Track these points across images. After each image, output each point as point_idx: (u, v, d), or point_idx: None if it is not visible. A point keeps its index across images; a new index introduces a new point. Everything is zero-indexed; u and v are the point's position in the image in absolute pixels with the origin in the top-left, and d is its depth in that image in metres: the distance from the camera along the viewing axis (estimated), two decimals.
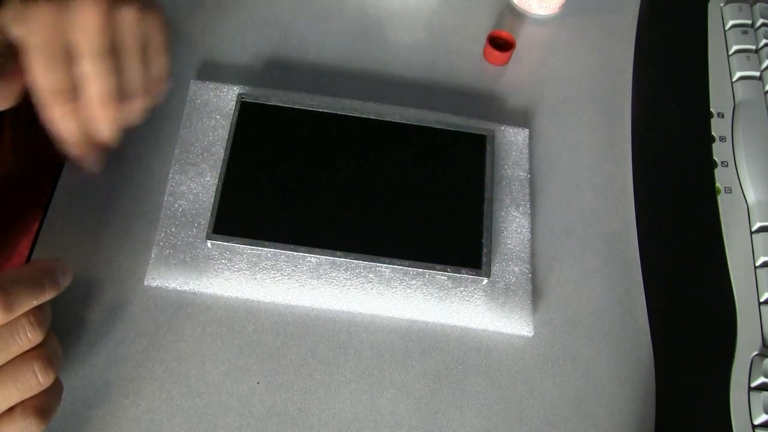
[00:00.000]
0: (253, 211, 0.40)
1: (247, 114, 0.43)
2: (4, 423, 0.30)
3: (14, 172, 0.51)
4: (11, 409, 0.31)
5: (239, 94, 0.43)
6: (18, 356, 0.31)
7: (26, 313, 0.31)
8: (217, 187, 0.40)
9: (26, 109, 0.51)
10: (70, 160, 0.35)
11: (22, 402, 0.31)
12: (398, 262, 0.39)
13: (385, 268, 0.40)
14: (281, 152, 0.42)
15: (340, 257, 0.39)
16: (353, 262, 0.40)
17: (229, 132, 0.42)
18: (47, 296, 0.32)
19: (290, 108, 0.43)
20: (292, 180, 0.41)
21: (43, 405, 0.31)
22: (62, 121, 0.32)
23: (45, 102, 0.32)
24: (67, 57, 0.31)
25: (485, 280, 0.40)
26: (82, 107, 0.32)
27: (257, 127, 0.42)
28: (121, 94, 0.32)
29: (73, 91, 0.32)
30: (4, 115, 0.49)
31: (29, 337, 0.31)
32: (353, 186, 0.41)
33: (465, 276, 0.40)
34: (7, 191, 0.51)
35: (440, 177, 0.42)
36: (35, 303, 0.31)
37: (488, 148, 0.43)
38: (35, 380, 0.31)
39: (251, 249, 0.40)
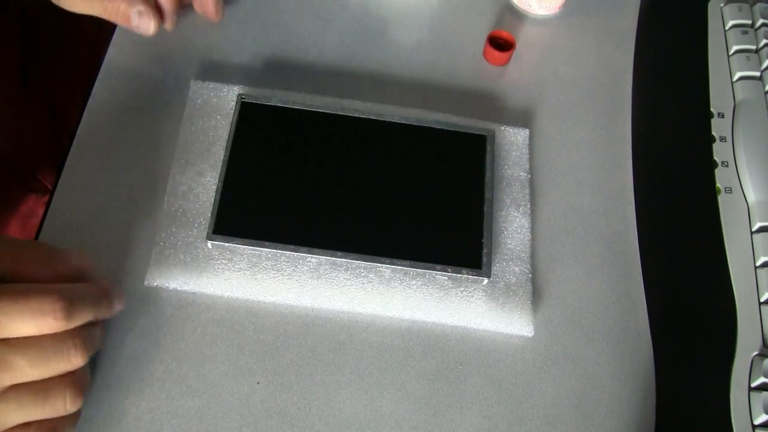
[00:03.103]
0: (253, 212, 0.40)
1: (247, 114, 0.43)
2: None
3: (7, 160, 0.51)
4: (27, 424, 0.31)
5: (239, 94, 0.43)
6: (55, 377, 0.31)
7: (77, 336, 0.31)
8: (217, 187, 0.40)
9: (20, 96, 0.51)
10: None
11: (40, 420, 0.31)
12: (398, 263, 0.39)
13: (385, 269, 0.40)
14: (281, 152, 0.42)
15: (340, 257, 0.39)
16: (353, 263, 0.40)
17: (229, 132, 0.42)
18: (102, 316, 0.33)
19: (290, 108, 0.43)
20: (292, 180, 0.41)
21: (59, 429, 0.32)
22: None
23: None
24: None
25: (485, 281, 0.40)
26: None
27: (257, 127, 0.42)
28: None
29: None
30: None
31: (72, 361, 0.31)
32: (353, 186, 0.41)
33: (465, 276, 0.40)
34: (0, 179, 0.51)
35: (440, 177, 0.42)
36: (91, 318, 0.32)
37: (488, 148, 0.43)
38: (63, 406, 0.31)
39: (251, 249, 0.40)
